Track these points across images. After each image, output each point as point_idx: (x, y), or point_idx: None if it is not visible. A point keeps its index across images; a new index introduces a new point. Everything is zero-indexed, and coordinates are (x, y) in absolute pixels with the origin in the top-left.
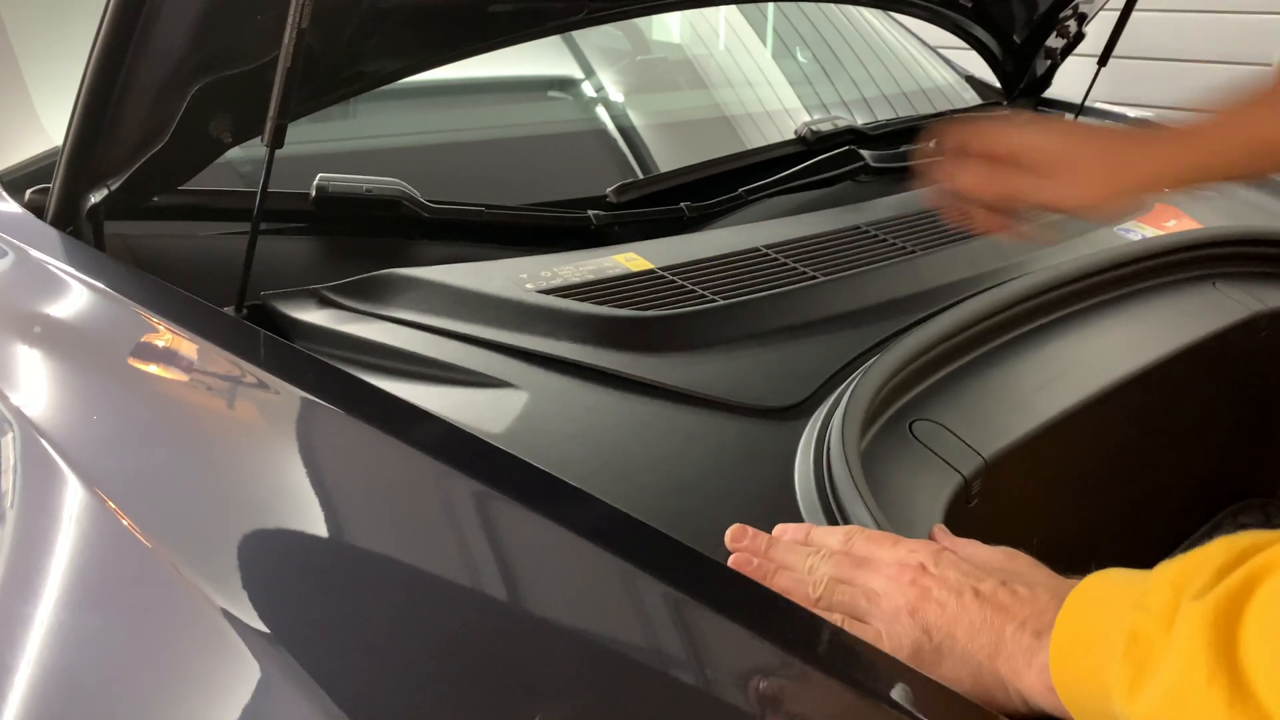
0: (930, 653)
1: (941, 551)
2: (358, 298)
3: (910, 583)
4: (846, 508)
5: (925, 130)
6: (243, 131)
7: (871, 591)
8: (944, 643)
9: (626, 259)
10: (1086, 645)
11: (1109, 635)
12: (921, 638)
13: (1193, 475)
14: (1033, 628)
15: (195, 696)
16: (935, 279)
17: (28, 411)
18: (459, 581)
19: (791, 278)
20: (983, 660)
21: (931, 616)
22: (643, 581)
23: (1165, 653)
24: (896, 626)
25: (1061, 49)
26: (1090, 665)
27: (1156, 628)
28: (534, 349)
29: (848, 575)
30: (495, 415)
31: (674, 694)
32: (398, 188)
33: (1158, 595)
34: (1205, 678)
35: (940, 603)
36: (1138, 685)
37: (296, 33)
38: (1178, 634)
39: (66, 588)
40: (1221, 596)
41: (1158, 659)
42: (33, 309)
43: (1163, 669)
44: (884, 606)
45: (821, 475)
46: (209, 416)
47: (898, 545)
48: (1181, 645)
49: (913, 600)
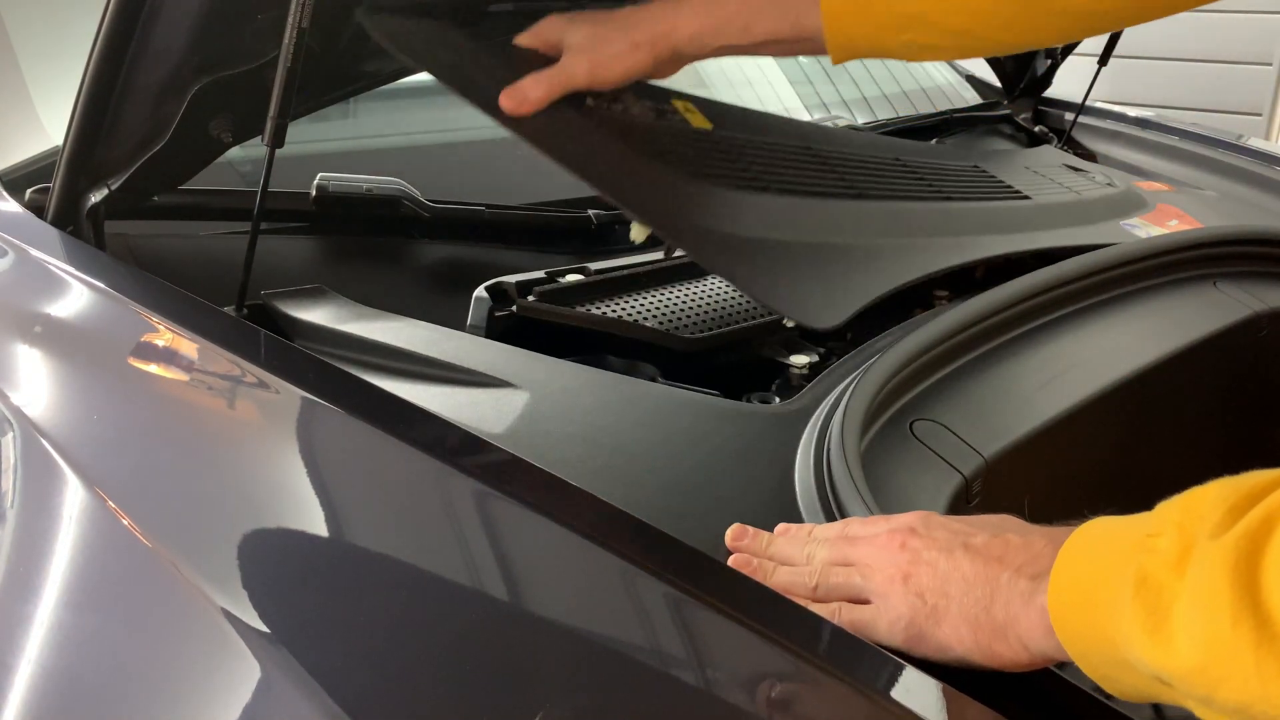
0: (927, 617)
1: (930, 515)
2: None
3: (900, 547)
4: (847, 507)
5: (926, 129)
6: (243, 131)
7: (866, 567)
8: (939, 604)
9: (685, 107)
10: (1089, 588)
11: (1113, 578)
12: (917, 603)
13: (1193, 475)
14: (1029, 573)
15: (195, 696)
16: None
17: (28, 411)
18: (459, 581)
19: (840, 190)
20: (979, 613)
21: (924, 579)
22: (643, 581)
23: (1181, 596)
24: (891, 598)
25: (1062, 48)
26: (1093, 608)
27: (1168, 570)
28: None
29: (842, 556)
30: (496, 415)
31: (674, 693)
32: (398, 187)
33: (1165, 538)
34: (1230, 621)
35: (930, 563)
36: (1155, 629)
37: (297, 32)
38: (1194, 576)
39: (67, 587)
40: (1241, 536)
41: (1172, 602)
42: (33, 309)
43: (1181, 612)
44: (877, 580)
45: (822, 474)
46: (209, 416)
47: (890, 519)
48: (1202, 587)
49: (904, 566)
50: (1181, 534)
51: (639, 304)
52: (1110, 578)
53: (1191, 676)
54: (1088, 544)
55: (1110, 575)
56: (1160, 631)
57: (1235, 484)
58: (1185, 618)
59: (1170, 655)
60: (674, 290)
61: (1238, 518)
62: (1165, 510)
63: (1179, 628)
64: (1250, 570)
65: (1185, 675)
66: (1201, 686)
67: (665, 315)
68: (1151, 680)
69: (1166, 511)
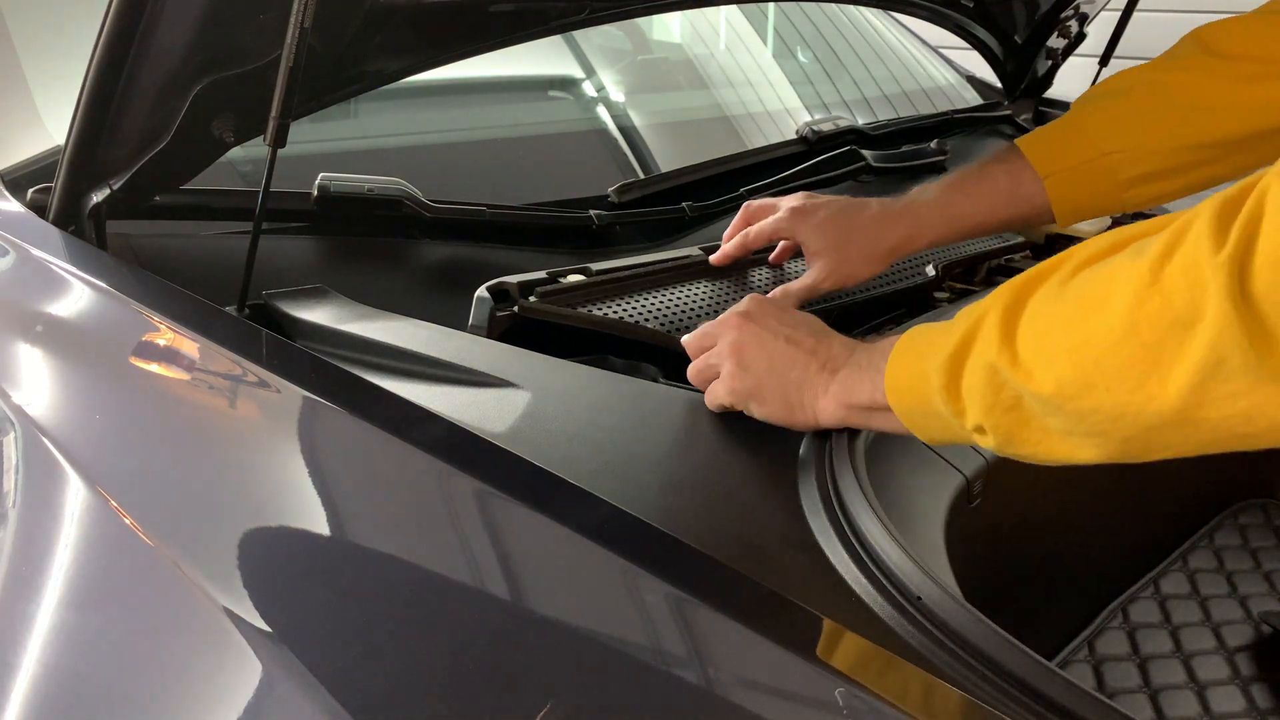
0: (752, 392)
1: (763, 301)
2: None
3: (737, 326)
4: (849, 507)
5: (927, 130)
6: (245, 131)
7: (722, 348)
8: (763, 380)
9: None
10: (912, 366)
11: (927, 357)
12: (746, 379)
13: (1193, 475)
14: (830, 368)
15: (198, 695)
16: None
17: (30, 410)
18: (461, 580)
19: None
20: (791, 392)
21: (753, 356)
22: (644, 580)
23: (970, 356)
24: (727, 369)
25: (1063, 49)
26: (916, 378)
27: (960, 342)
28: None
29: (705, 336)
30: (497, 415)
31: (675, 692)
32: (399, 187)
33: (960, 322)
34: (996, 343)
35: (760, 344)
36: (956, 367)
37: (299, 32)
38: (973, 332)
39: (69, 587)
40: (1006, 298)
41: (963, 362)
42: (35, 308)
43: (968, 369)
44: (725, 352)
45: (824, 475)
46: (211, 416)
47: (736, 307)
48: (978, 332)
49: (742, 340)
50: (968, 318)
51: (641, 305)
52: (926, 357)
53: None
54: (911, 338)
55: (927, 354)
56: (954, 385)
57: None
58: (970, 371)
59: (962, 381)
60: (675, 291)
61: (1002, 297)
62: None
63: (964, 378)
64: (1014, 316)
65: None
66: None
67: (667, 316)
68: (955, 428)
69: (963, 314)
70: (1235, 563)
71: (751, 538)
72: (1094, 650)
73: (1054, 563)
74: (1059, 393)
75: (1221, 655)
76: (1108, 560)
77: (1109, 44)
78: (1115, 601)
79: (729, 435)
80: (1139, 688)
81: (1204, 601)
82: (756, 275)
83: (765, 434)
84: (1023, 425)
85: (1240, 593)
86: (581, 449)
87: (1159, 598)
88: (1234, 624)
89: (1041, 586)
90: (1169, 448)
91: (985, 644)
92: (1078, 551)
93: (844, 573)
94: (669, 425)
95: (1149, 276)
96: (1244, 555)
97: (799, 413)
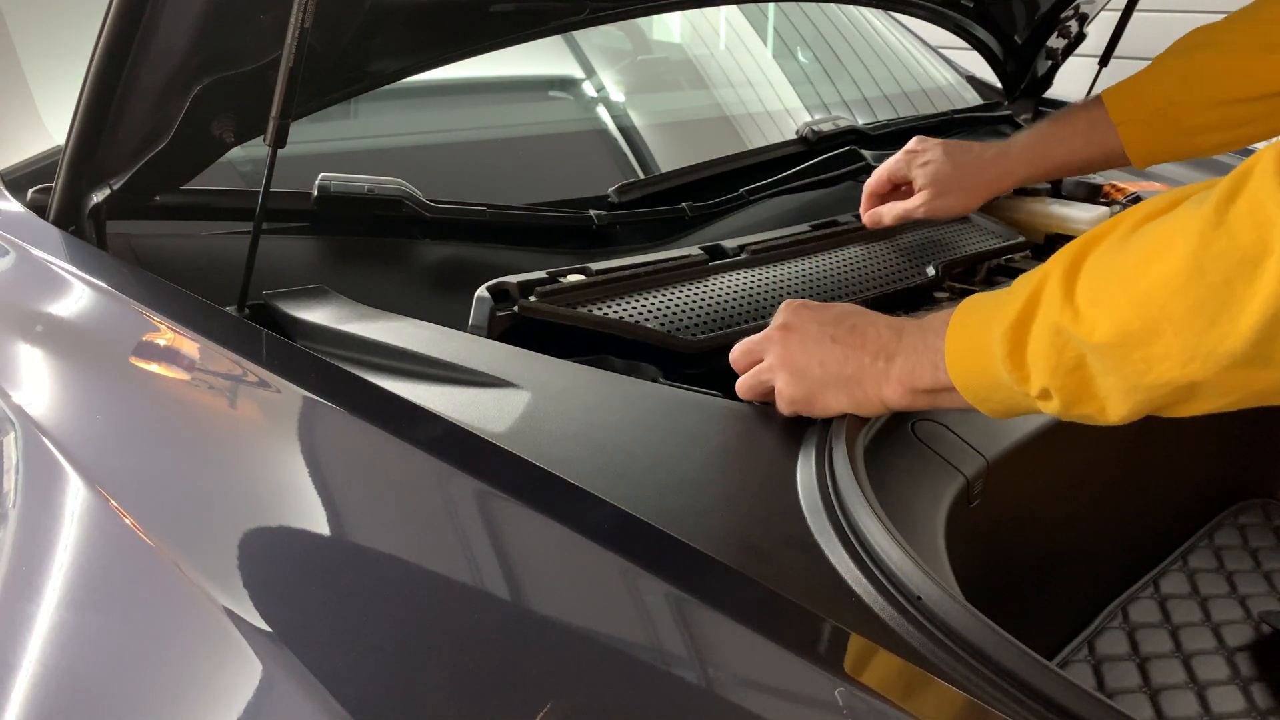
0: (818, 390)
1: (799, 306)
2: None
3: (781, 340)
4: (849, 508)
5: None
6: (245, 131)
7: (771, 361)
8: (820, 377)
9: None
10: (973, 337)
11: (990, 327)
12: (804, 386)
13: (1193, 475)
14: (885, 355)
15: (198, 695)
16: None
17: (30, 410)
18: (462, 580)
19: None
20: (853, 387)
21: (804, 362)
22: (644, 580)
23: (1035, 320)
24: (789, 387)
25: (1063, 49)
26: (976, 350)
27: (1024, 308)
28: None
29: (758, 356)
30: (497, 414)
31: (675, 692)
32: (399, 187)
33: (1020, 289)
34: (1059, 303)
35: (806, 349)
36: (1020, 335)
37: (299, 32)
38: (1036, 296)
39: (69, 587)
40: (1065, 259)
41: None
42: (35, 308)
43: (1034, 328)
44: (775, 365)
45: (824, 475)
46: (211, 416)
47: (775, 318)
48: (1041, 295)
49: (790, 352)
50: (1028, 283)
51: (641, 305)
52: (986, 328)
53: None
54: (965, 313)
55: (987, 326)
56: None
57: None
58: (1035, 337)
59: (1028, 341)
60: (676, 291)
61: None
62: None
63: (1034, 321)
64: (1072, 275)
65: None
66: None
67: (667, 316)
68: (1018, 397)
69: (1020, 282)
70: (1235, 563)
71: (751, 538)
72: (1094, 650)
73: (1054, 563)
74: (1124, 341)
75: (1221, 655)
76: (1108, 560)
77: (1109, 44)
78: (1115, 601)
79: (729, 435)
80: (1139, 688)
81: (1204, 601)
82: (757, 275)
83: (765, 434)
84: (1086, 385)
85: (1240, 593)
86: (581, 449)
87: (1159, 598)
88: (1234, 624)
89: (1041, 586)
90: (1235, 391)
91: (985, 644)
92: (1078, 551)
93: (844, 573)
94: (669, 425)
95: (1214, 219)
96: (1244, 555)
97: (866, 405)
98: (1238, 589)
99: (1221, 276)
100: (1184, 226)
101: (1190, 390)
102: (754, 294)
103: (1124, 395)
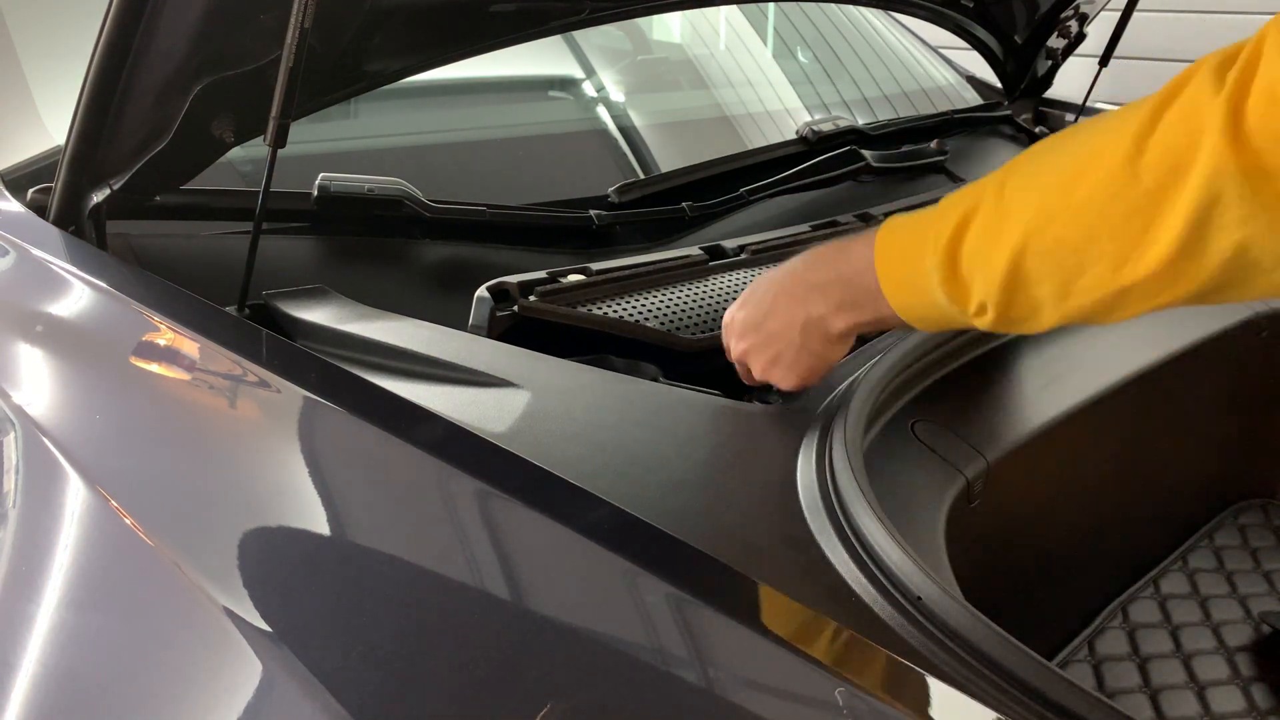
0: (772, 363)
1: (747, 296)
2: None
3: (739, 334)
4: (849, 508)
5: (927, 130)
6: (245, 131)
7: (734, 343)
8: (777, 351)
9: None
10: (902, 256)
11: (921, 251)
12: (764, 358)
13: (1193, 475)
14: (817, 312)
15: (198, 695)
16: None
17: (30, 411)
18: (462, 580)
19: None
20: (801, 343)
21: (756, 345)
22: (644, 580)
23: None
24: (748, 360)
25: (1063, 49)
26: (908, 266)
27: (955, 229)
28: None
29: (729, 343)
30: (497, 414)
31: (675, 692)
32: (399, 187)
33: (950, 211)
34: (993, 220)
35: (757, 332)
36: (953, 256)
37: (299, 32)
38: (968, 216)
39: (69, 587)
40: (999, 176)
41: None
42: (35, 308)
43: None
44: (737, 351)
45: (824, 475)
46: (211, 416)
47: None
48: (975, 214)
49: (745, 340)
50: (960, 203)
51: (641, 304)
52: (920, 254)
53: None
54: (889, 240)
55: (920, 252)
56: (954, 275)
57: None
58: (966, 256)
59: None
60: (676, 291)
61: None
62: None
63: (962, 264)
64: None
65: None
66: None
67: (667, 316)
68: (954, 315)
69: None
70: (1235, 563)
71: (751, 538)
72: (1094, 650)
73: (1054, 563)
74: (1059, 249)
75: (1221, 655)
76: (1108, 560)
77: (1109, 44)
78: (1115, 601)
79: (729, 435)
80: (1139, 688)
81: (1204, 601)
82: (757, 275)
83: (765, 434)
84: (1020, 295)
85: (1240, 593)
86: (581, 449)
87: (1159, 598)
88: (1234, 624)
89: (1041, 586)
90: (1170, 293)
91: (985, 644)
92: (1078, 551)
93: (844, 573)
94: (669, 425)
95: (1149, 126)
96: (1244, 555)
97: (822, 356)
98: (1238, 589)
99: (1155, 182)
100: (1119, 129)
101: (1121, 296)
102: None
103: (1056, 304)
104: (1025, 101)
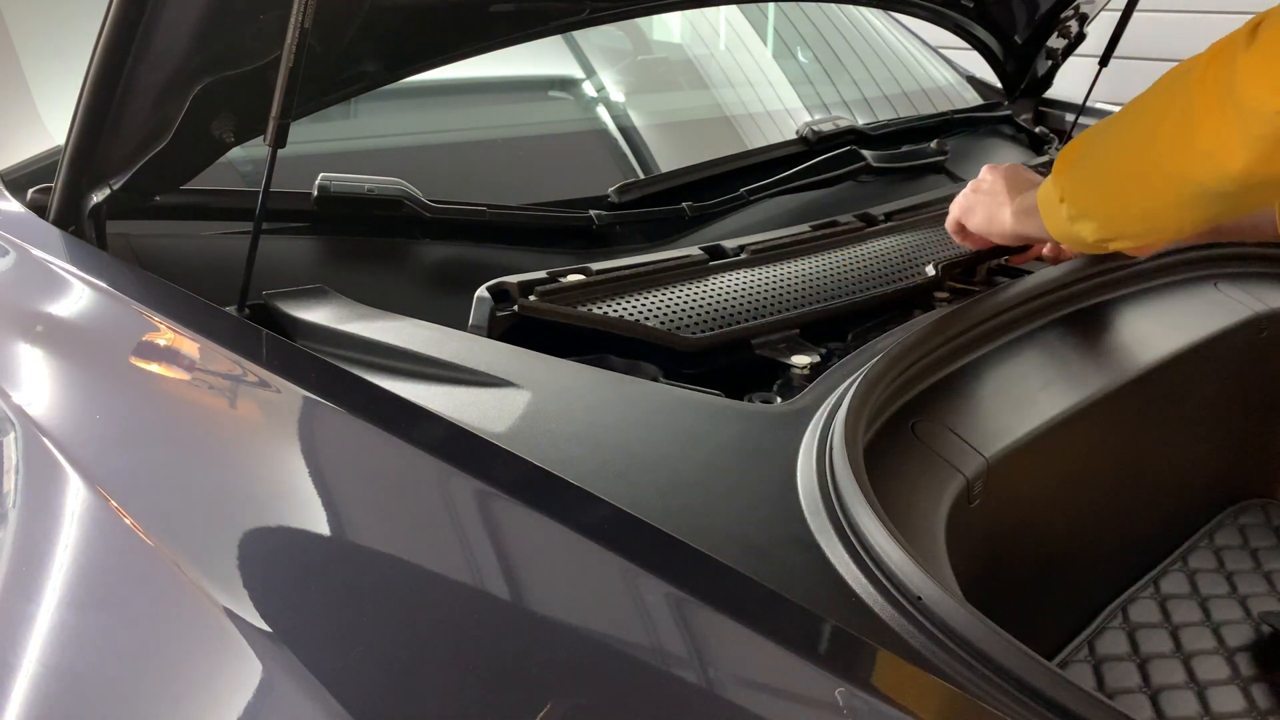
0: (984, 222)
1: (981, 181)
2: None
3: (967, 204)
4: (849, 507)
5: (927, 130)
6: (245, 131)
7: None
8: (986, 213)
9: None
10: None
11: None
12: (978, 219)
13: (1193, 475)
14: (1011, 208)
15: (198, 695)
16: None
17: (30, 411)
18: (461, 580)
19: None
20: (1000, 215)
21: (977, 208)
22: (644, 580)
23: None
24: (967, 218)
25: (1063, 49)
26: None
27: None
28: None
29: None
30: (498, 414)
31: (675, 692)
32: (400, 187)
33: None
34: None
35: (975, 205)
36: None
37: (299, 32)
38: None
39: (69, 587)
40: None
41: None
42: (35, 308)
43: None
44: (957, 212)
45: (824, 475)
46: (211, 416)
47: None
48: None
49: (969, 206)
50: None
51: (641, 304)
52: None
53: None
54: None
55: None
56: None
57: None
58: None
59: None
60: (676, 290)
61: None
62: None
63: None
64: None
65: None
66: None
67: (667, 315)
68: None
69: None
70: (1235, 563)
71: (751, 538)
72: (1094, 650)
73: (1054, 563)
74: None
75: (1221, 655)
76: (1108, 560)
77: (1109, 44)
78: (1115, 601)
79: (729, 435)
80: (1139, 688)
81: (1204, 601)
82: (757, 275)
83: (766, 435)
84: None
85: (1240, 593)
86: (581, 449)
87: (1159, 598)
88: (1234, 624)
89: (1041, 586)
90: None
91: (985, 644)
92: (1078, 551)
93: (844, 573)
94: (669, 425)
95: (1189, 79)
96: (1244, 555)
97: (1012, 230)
98: (1238, 589)
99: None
100: (1165, 89)
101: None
102: (754, 294)
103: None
104: (1025, 101)
